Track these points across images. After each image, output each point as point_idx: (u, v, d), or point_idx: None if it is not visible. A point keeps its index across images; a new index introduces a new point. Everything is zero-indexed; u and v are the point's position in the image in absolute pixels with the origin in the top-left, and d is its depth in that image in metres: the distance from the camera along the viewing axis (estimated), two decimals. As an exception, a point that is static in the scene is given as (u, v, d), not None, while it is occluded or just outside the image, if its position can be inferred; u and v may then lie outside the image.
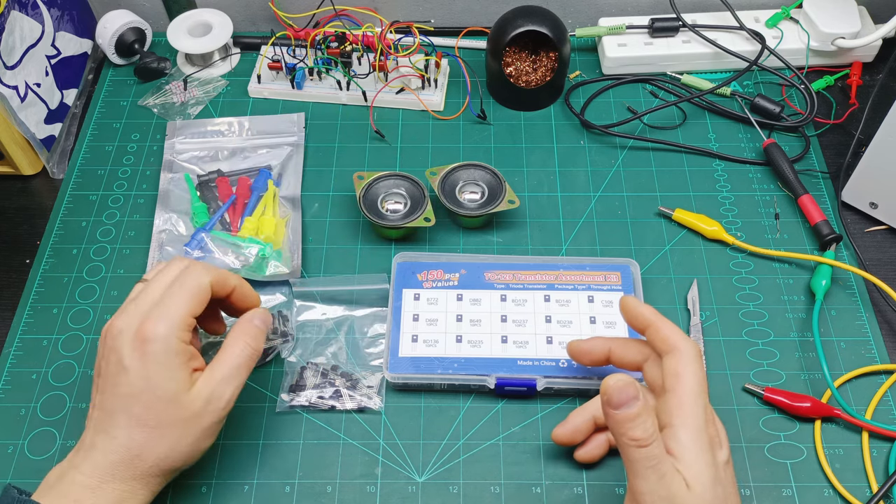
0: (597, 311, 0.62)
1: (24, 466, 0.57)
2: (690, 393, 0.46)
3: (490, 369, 0.59)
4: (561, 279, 0.63)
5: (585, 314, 0.62)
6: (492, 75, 0.77)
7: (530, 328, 0.61)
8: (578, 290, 0.63)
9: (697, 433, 0.45)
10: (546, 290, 0.63)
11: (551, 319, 0.61)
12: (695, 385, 0.47)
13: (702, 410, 0.46)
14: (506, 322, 0.61)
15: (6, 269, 0.69)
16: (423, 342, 0.60)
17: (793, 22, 0.80)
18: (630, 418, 0.44)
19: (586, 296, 0.62)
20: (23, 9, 0.70)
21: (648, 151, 0.74)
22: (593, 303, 0.62)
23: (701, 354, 0.49)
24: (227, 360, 0.52)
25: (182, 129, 0.75)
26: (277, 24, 0.82)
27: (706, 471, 0.44)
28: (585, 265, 0.64)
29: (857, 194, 0.69)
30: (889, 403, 0.59)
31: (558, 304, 0.62)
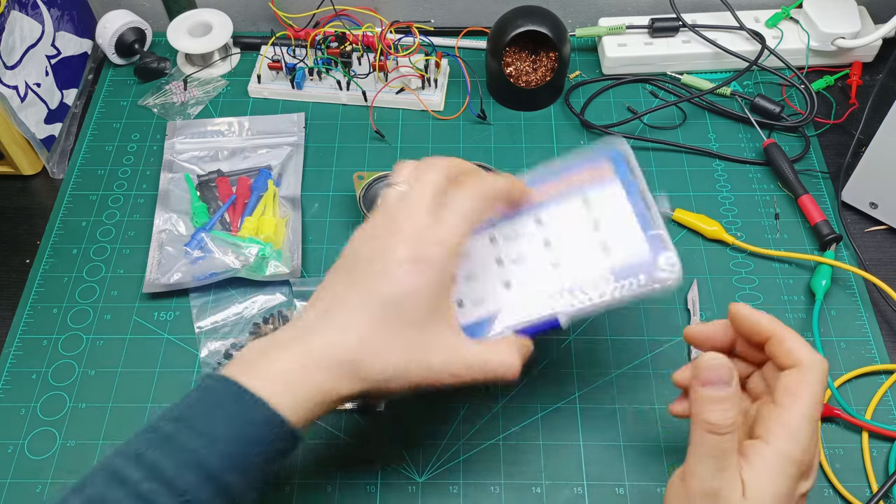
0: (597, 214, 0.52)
1: (24, 466, 0.57)
2: (800, 416, 0.42)
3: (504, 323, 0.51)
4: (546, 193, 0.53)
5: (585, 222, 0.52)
6: (492, 75, 0.77)
7: (532, 261, 0.52)
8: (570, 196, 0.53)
9: (788, 459, 0.42)
10: (534, 212, 0.53)
11: (550, 242, 0.52)
12: (808, 408, 0.42)
13: (806, 437, 0.42)
14: (503, 265, 0.52)
15: (6, 269, 0.69)
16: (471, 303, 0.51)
17: (793, 22, 0.80)
18: (713, 400, 0.42)
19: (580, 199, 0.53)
20: (23, 9, 0.70)
21: (648, 151, 0.74)
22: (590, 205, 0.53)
23: (827, 372, 0.44)
24: (495, 355, 0.47)
25: (182, 129, 0.75)
26: (277, 24, 0.82)
27: (774, 493, 0.41)
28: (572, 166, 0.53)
29: (857, 194, 0.69)
30: (889, 403, 0.59)
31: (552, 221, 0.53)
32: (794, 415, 0.42)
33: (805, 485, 0.43)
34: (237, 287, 0.65)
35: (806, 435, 0.42)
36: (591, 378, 0.61)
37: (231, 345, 0.62)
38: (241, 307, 0.64)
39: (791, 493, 0.42)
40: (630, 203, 0.53)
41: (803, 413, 0.42)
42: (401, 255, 0.45)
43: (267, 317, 0.63)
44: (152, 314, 0.65)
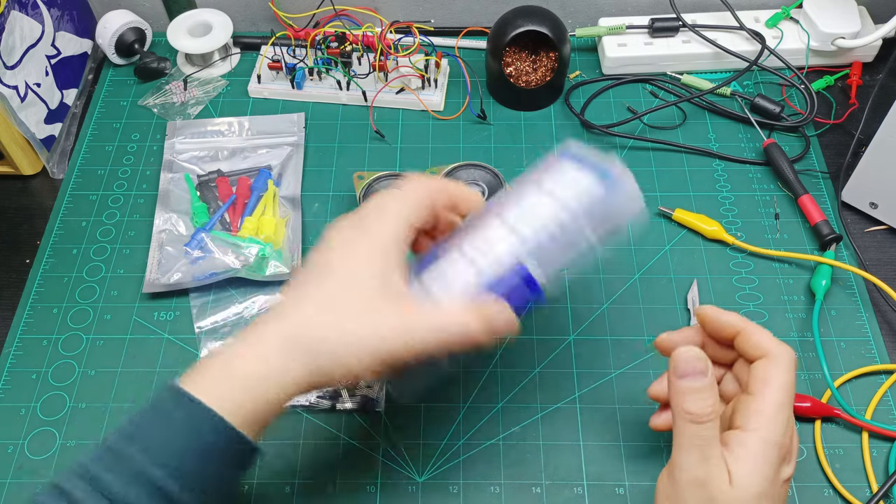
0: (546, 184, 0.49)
1: (24, 466, 0.57)
2: (774, 402, 0.44)
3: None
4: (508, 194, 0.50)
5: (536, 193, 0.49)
6: (492, 75, 0.77)
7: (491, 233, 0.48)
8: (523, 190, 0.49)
9: (768, 444, 0.43)
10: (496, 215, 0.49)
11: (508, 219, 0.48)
12: (781, 394, 0.44)
13: (783, 422, 0.44)
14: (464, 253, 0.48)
15: (6, 269, 0.69)
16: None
17: (793, 22, 0.80)
18: (691, 390, 0.43)
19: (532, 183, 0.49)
20: (23, 9, 0.70)
21: (648, 151, 0.74)
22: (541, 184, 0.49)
23: (795, 361, 0.46)
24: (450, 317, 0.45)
25: (182, 129, 0.75)
26: (277, 24, 0.82)
27: (759, 480, 0.42)
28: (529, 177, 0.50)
29: (857, 194, 0.69)
30: (889, 403, 0.59)
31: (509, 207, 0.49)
32: (769, 401, 0.44)
33: (787, 469, 0.44)
34: (237, 287, 0.65)
35: (782, 420, 0.44)
36: (591, 378, 0.61)
37: (231, 345, 0.62)
38: (241, 307, 0.64)
39: (775, 478, 0.43)
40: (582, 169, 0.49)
41: (777, 399, 0.44)
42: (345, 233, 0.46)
43: (267, 317, 0.63)
44: (152, 314, 0.65)
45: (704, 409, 0.43)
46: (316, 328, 0.44)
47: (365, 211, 0.47)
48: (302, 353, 0.43)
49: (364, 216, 0.47)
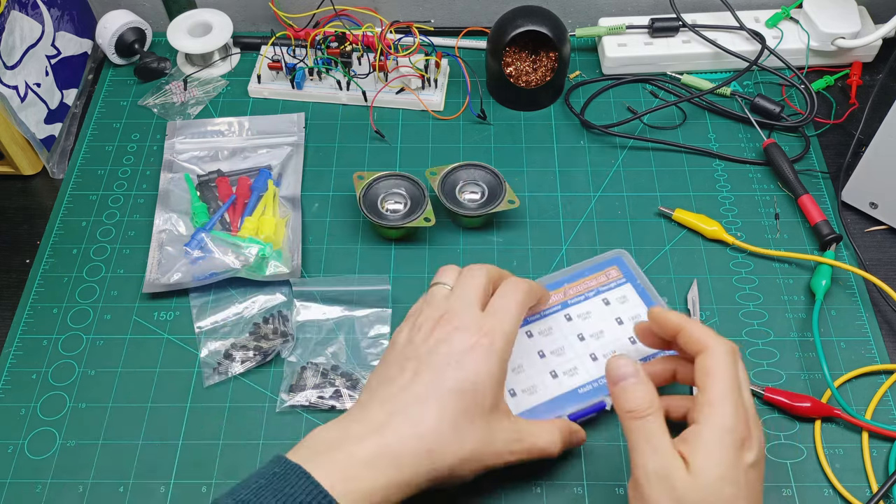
0: (618, 311, 0.60)
1: (24, 466, 0.57)
2: (719, 391, 0.46)
3: (556, 410, 0.56)
4: (569, 293, 0.62)
5: (610, 318, 0.60)
6: (492, 75, 0.77)
7: (570, 353, 0.58)
8: (589, 297, 0.61)
9: (722, 431, 0.44)
10: (563, 310, 0.61)
11: (584, 336, 0.59)
12: (725, 383, 0.46)
13: (731, 409, 0.45)
14: (545, 357, 0.58)
15: (6, 269, 0.69)
16: (522, 392, 0.56)
17: (793, 22, 0.80)
18: (625, 390, 0.47)
19: (601, 300, 0.61)
20: (23, 9, 0.70)
21: (648, 151, 0.74)
22: (610, 305, 0.61)
23: (736, 352, 0.48)
24: (541, 437, 0.51)
25: (182, 129, 0.75)
26: (277, 24, 0.82)
27: (717, 466, 0.44)
28: (584, 272, 0.63)
29: (857, 194, 0.69)
30: (889, 403, 0.59)
31: (581, 318, 0.60)
32: (715, 390, 0.46)
33: (749, 455, 0.45)
34: (237, 287, 0.65)
35: (731, 406, 0.45)
36: (591, 378, 0.61)
37: (231, 345, 0.62)
38: (241, 307, 0.64)
39: (735, 464, 0.44)
40: (640, 298, 0.61)
41: (721, 388, 0.46)
42: (467, 343, 0.48)
43: (267, 317, 0.63)
44: (152, 314, 0.65)
45: (641, 405, 0.46)
46: (442, 446, 0.46)
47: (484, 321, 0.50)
48: (426, 471, 0.46)
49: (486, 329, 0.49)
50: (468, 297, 0.51)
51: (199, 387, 0.61)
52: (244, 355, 0.61)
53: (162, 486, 0.56)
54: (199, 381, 0.61)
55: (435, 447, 0.46)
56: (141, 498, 0.56)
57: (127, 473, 0.57)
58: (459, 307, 0.51)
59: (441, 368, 0.48)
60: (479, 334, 0.49)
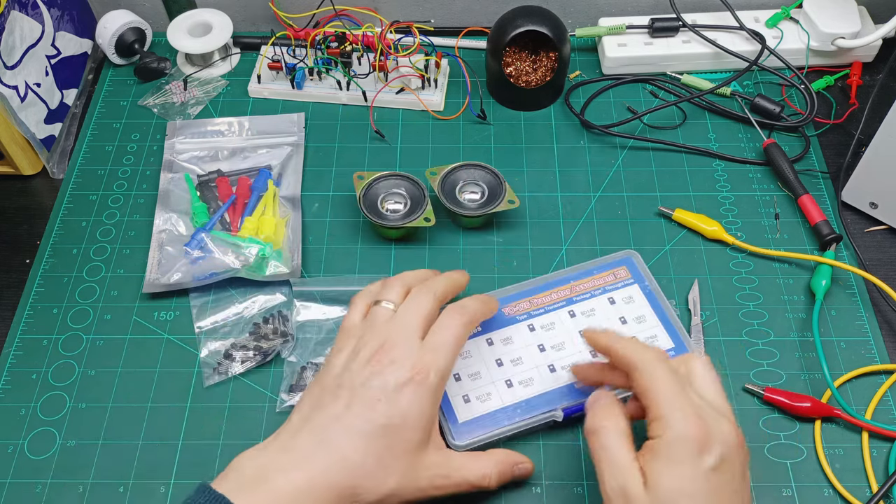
0: (623, 311, 0.61)
1: (24, 466, 0.57)
2: (661, 403, 0.45)
3: (553, 402, 0.57)
4: (575, 290, 0.62)
5: (613, 317, 0.61)
6: (492, 75, 0.77)
7: (570, 349, 0.59)
8: (596, 295, 0.62)
9: (674, 443, 0.44)
10: (567, 307, 0.61)
11: (545, 349, 0.60)
12: (663, 393, 0.45)
13: (678, 417, 0.44)
14: (545, 351, 0.59)
15: (6, 269, 0.69)
16: (477, 398, 0.57)
17: (793, 22, 0.80)
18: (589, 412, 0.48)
19: (606, 299, 0.62)
20: (23, 9, 0.70)
21: (648, 151, 0.74)
22: (615, 304, 0.61)
23: (662, 357, 0.48)
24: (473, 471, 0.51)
25: (182, 129, 0.75)
26: (277, 24, 0.82)
27: (672, 479, 0.43)
28: (592, 270, 0.63)
29: (857, 194, 0.69)
30: (889, 403, 0.59)
31: (584, 315, 0.61)
32: (657, 404, 0.45)
33: (709, 459, 0.44)
34: (237, 287, 0.65)
35: (677, 414, 0.44)
36: (591, 378, 0.61)
37: (231, 345, 0.62)
38: (241, 307, 0.64)
39: (692, 475, 0.43)
40: (646, 300, 0.62)
41: (662, 399, 0.45)
42: (401, 379, 0.48)
43: (267, 317, 0.63)
44: (152, 314, 0.65)
45: (595, 421, 0.47)
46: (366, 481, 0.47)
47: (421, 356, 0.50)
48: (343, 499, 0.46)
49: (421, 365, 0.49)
50: (409, 325, 0.51)
51: (199, 387, 0.61)
52: (244, 355, 0.61)
53: (162, 486, 0.56)
54: (199, 381, 0.61)
55: (359, 483, 0.47)
56: (141, 498, 0.56)
57: (127, 473, 0.57)
58: (398, 338, 0.50)
59: (372, 403, 0.48)
60: (414, 371, 0.48)
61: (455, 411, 0.56)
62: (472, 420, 0.56)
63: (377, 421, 0.47)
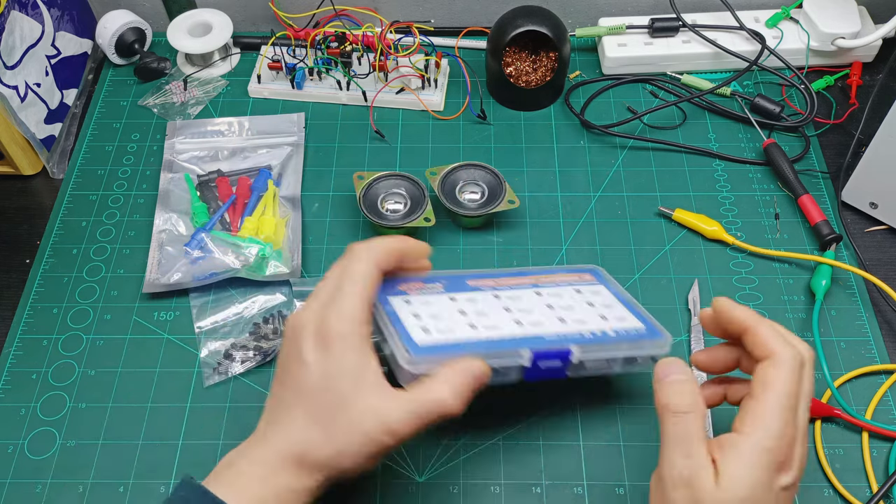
0: (589, 299, 0.57)
1: (24, 466, 0.57)
2: (773, 406, 0.42)
3: (519, 345, 0.51)
4: (541, 281, 0.58)
5: (580, 301, 0.56)
6: (492, 75, 0.77)
7: (538, 314, 0.54)
8: (561, 286, 0.58)
9: (761, 449, 0.42)
10: (534, 288, 0.57)
11: (553, 306, 0.55)
12: (781, 398, 0.43)
13: (778, 428, 0.42)
14: (511, 312, 0.54)
15: (6, 269, 0.69)
16: (437, 331, 0.51)
17: (793, 22, 0.80)
18: (668, 384, 0.45)
19: (572, 290, 0.58)
20: (23, 9, 0.70)
21: (648, 151, 0.74)
22: (581, 293, 0.57)
23: (806, 363, 0.45)
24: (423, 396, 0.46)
25: (182, 129, 0.75)
26: (277, 24, 0.82)
27: (746, 484, 0.41)
28: (557, 270, 0.60)
29: (857, 194, 0.69)
30: (889, 403, 0.59)
31: (550, 296, 0.56)
32: (767, 405, 0.43)
33: (785, 478, 0.42)
34: (237, 287, 0.65)
35: (780, 425, 0.42)
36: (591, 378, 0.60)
37: (231, 345, 0.62)
38: (241, 307, 0.64)
39: (768, 484, 0.42)
40: (617, 299, 0.58)
41: (776, 403, 0.43)
42: (308, 344, 0.47)
43: (267, 317, 0.63)
44: (152, 314, 0.65)
45: (681, 402, 0.44)
46: (312, 445, 0.46)
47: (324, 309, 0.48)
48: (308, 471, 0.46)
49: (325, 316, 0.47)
50: (322, 289, 0.49)
51: (199, 387, 0.61)
52: (244, 355, 0.61)
53: (162, 486, 0.56)
54: (199, 381, 0.61)
55: (307, 448, 0.46)
56: (141, 498, 0.56)
57: (127, 473, 0.57)
58: (308, 304, 0.49)
59: (294, 371, 0.48)
60: (319, 328, 0.47)
61: (412, 336, 0.50)
62: (432, 346, 0.49)
63: (301, 387, 0.47)
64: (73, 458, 0.58)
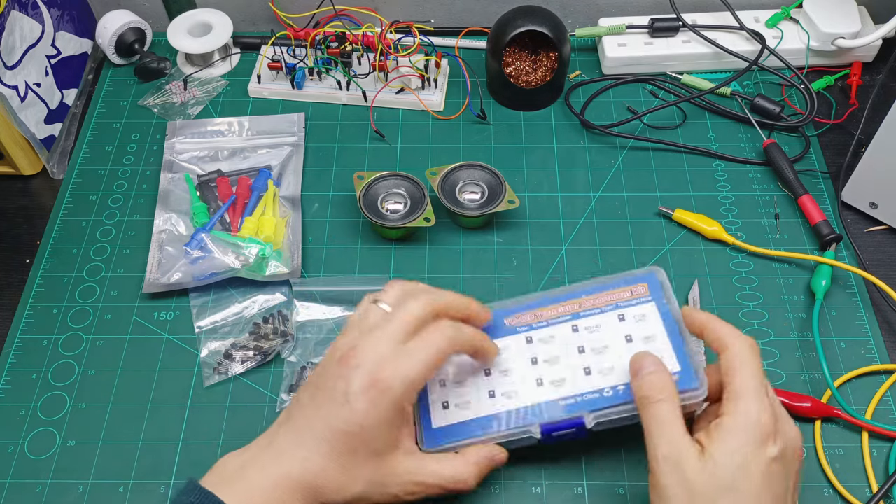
0: (630, 329, 0.55)
1: (24, 466, 0.57)
2: (741, 385, 0.46)
3: (531, 418, 0.53)
4: (584, 306, 0.57)
5: (619, 335, 0.55)
6: (492, 75, 0.77)
7: (564, 364, 0.55)
8: (606, 311, 0.56)
9: (745, 421, 0.45)
10: (572, 321, 0.56)
11: (584, 349, 0.55)
12: (747, 379, 0.47)
13: (755, 401, 0.46)
14: (537, 364, 0.55)
15: (6, 269, 0.69)
16: (455, 406, 0.54)
17: (793, 22, 0.80)
18: (643, 378, 0.48)
19: (616, 315, 0.56)
20: (23, 9, 0.70)
21: (648, 151, 0.74)
22: (624, 321, 0.55)
23: (755, 347, 0.49)
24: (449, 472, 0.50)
25: (182, 129, 0.75)
26: (277, 24, 0.82)
27: (734, 455, 0.44)
28: (608, 285, 0.57)
29: (857, 194, 0.69)
30: (889, 403, 0.59)
31: (588, 331, 0.56)
32: (737, 384, 0.47)
33: (772, 449, 0.45)
34: (237, 287, 0.65)
35: (754, 399, 0.46)
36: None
37: (231, 345, 0.62)
38: (241, 307, 0.64)
39: (755, 453, 0.44)
40: (664, 325, 0.55)
41: (744, 382, 0.47)
42: (359, 386, 0.47)
43: (267, 317, 0.63)
44: (152, 314, 0.65)
45: (653, 388, 0.47)
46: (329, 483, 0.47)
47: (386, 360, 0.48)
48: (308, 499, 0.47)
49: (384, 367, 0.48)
50: (389, 329, 0.49)
51: (199, 387, 0.61)
52: (244, 355, 0.61)
53: (162, 486, 0.56)
54: (199, 381, 0.61)
55: (323, 483, 0.47)
56: (141, 498, 0.56)
57: (127, 473, 0.57)
58: (373, 340, 0.48)
59: (336, 406, 0.47)
60: (377, 378, 0.47)
61: (431, 416, 0.54)
62: (446, 427, 0.54)
63: (337, 426, 0.47)
64: (73, 458, 0.58)
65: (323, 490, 0.47)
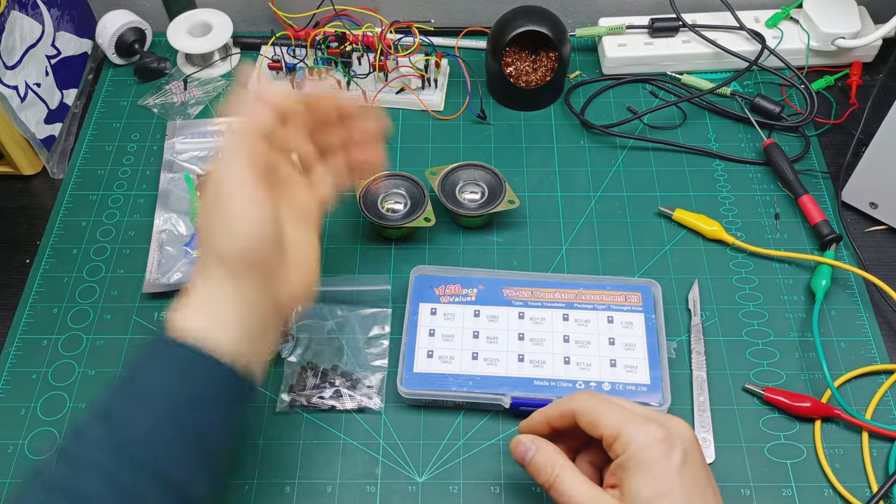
0: (616, 333, 0.60)
1: (24, 466, 0.57)
2: (613, 423, 0.46)
3: (505, 388, 0.58)
4: (580, 298, 0.62)
5: (604, 335, 0.60)
6: (492, 75, 0.77)
7: (548, 347, 0.59)
8: (598, 309, 0.61)
9: (640, 449, 0.45)
10: (565, 309, 0.61)
11: (569, 339, 0.60)
12: (610, 415, 0.46)
13: (632, 427, 0.45)
14: (523, 340, 0.60)
15: (6, 269, 0.69)
16: (439, 358, 0.59)
17: (793, 22, 0.80)
18: (530, 464, 0.49)
19: (606, 316, 0.61)
20: (23, 9, 0.70)
21: (648, 151, 0.74)
22: (612, 323, 0.60)
23: (591, 392, 0.49)
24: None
25: (182, 129, 0.75)
26: (277, 24, 0.82)
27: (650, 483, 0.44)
28: (606, 284, 0.62)
29: (857, 194, 0.69)
30: (889, 403, 0.59)
31: (577, 323, 0.60)
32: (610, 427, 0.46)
33: (676, 455, 0.44)
34: (237, 287, 0.65)
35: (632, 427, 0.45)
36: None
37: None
38: (241, 307, 0.64)
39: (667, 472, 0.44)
40: (646, 337, 0.60)
41: (612, 420, 0.46)
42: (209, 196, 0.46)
43: (267, 317, 0.63)
44: (152, 314, 0.65)
45: (545, 471, 0.47)
46: (216, 239, 0.46)
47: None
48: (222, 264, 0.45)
49: None
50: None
51: (199, 387, 0.61)
52: (244, 355, 0.61)
53: (162, 486, 0.56)
54: (199, 381, 0.61)
55: (208, 238, 0.46)
56: (141, 498, 0.56)
57: (127, 473, 0.57)
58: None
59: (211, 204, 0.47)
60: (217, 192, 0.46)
61: (415, 361, 0.59)
62: (427, 374, 0.58)
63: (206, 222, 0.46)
64: (73, 458, 0.57)
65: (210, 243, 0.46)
